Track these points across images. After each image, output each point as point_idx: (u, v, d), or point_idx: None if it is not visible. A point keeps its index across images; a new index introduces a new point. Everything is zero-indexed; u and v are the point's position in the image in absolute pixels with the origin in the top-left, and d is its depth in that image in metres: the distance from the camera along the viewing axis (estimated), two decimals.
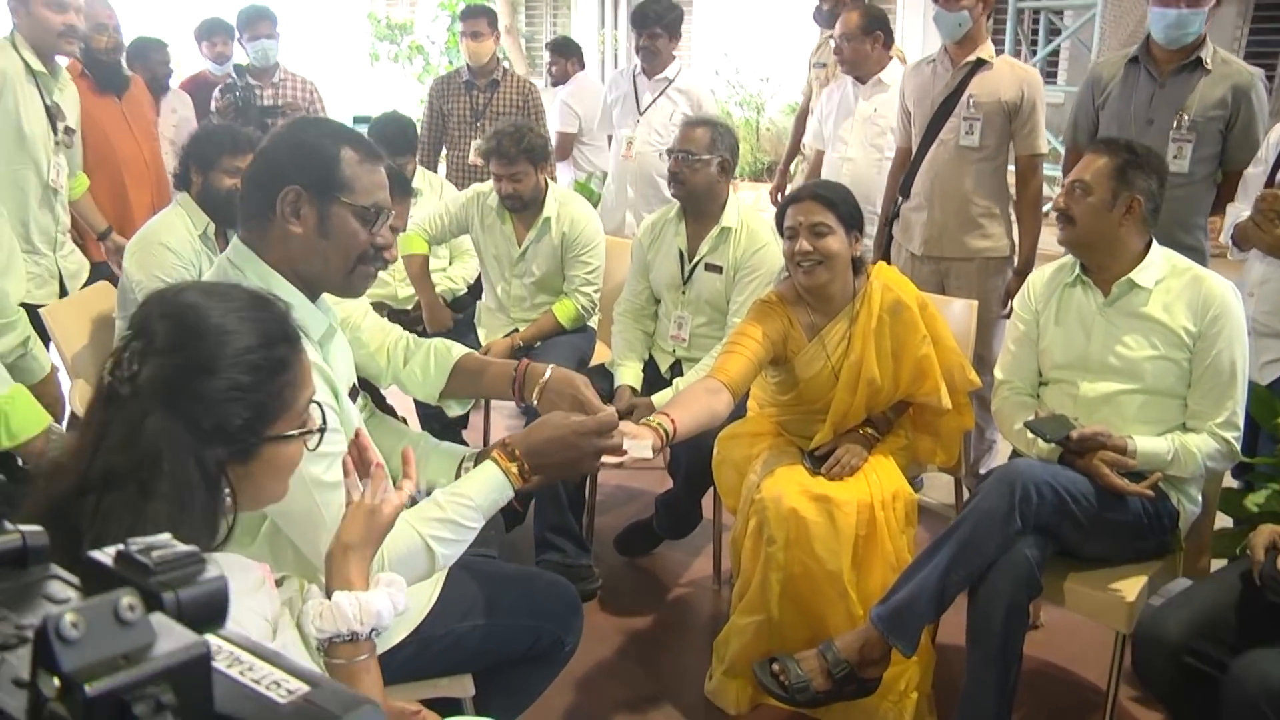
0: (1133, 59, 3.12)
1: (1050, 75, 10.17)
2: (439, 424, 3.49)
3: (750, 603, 2.46)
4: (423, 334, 2.94)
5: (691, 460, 2.83)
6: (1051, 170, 5.50)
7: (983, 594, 2.12)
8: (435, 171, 4.87)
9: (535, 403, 1.92)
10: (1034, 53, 10.31)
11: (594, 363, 3.54)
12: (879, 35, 3.98)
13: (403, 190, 2.94)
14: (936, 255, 3.48)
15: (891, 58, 4.06)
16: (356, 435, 1.35)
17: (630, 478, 3.86)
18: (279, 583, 1.31)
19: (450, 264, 4.06)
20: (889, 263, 3.65)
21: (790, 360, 2.59)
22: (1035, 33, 10.60)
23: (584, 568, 3.05)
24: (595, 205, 4.15)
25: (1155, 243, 2.34)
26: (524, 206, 3.47)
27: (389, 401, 2.79)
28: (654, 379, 3.23)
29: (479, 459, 1.80)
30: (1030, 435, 2.29)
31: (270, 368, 1.17)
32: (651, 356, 3.30)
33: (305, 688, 0.53)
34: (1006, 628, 2.08)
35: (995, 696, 2.12)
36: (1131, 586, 2.19)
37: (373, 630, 1.29)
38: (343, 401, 1.64)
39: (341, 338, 1.77)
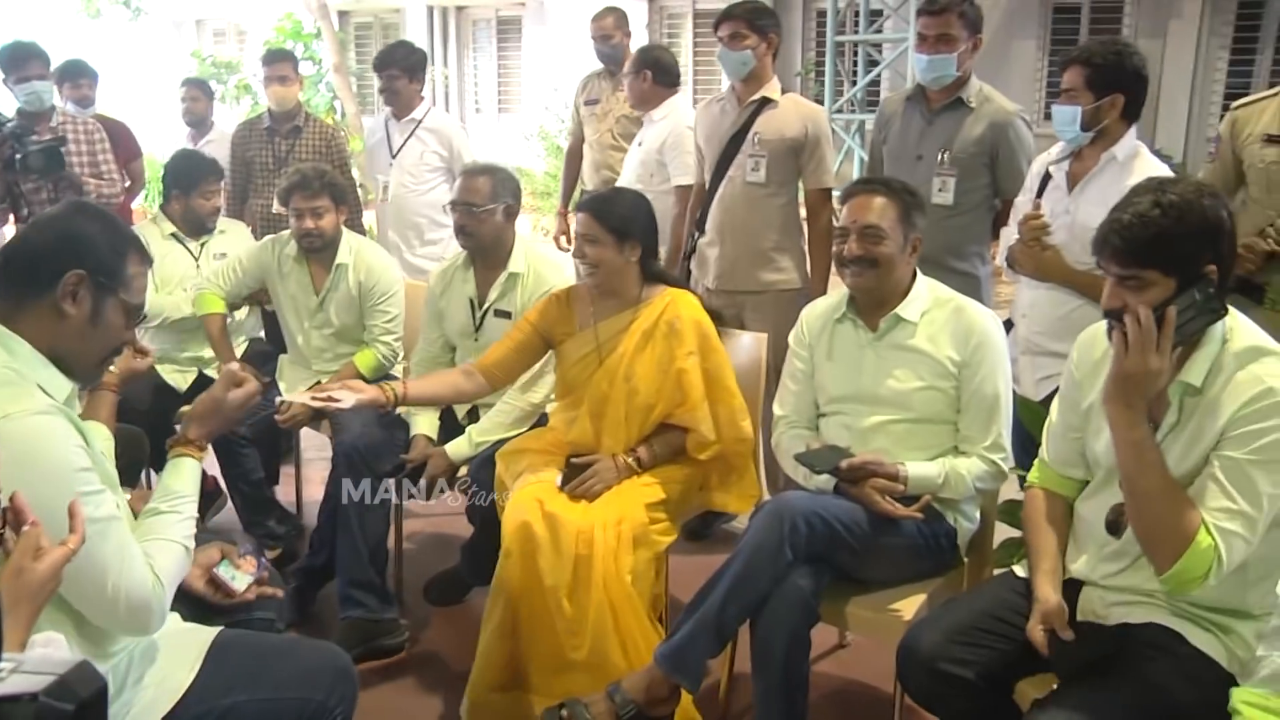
0: (909, 97, 3.27)
1: (871, 104, 10.64)
2: (245, 485, 3.40)
3: (487, 616, 2.53)
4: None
5: (484, 502, 2.82)
6: None
7: (762, 626, 2.15)
8: (242, 220, 4.71)
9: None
10: (854, 83, 10.78)
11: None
12: (645, 74, 4.13)
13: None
14: (730, 289, 3.54)
15: (671, 95, 4.19)
16: (12, 498, 1.29)
17: (439, 525, 3.79)
18: None
19: None
20: None
21: (560, 345, 2.76)
22: (855, 64, 11.09)
23: (389, 621, 2.98)
24: None
25: (919, 274, 2.43)
26: (324, 246, 3.39)
27: None
28: (451, 427, 3.18)
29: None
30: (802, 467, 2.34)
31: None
32: (449, 405, 3.25)
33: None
34: (787, 657, 2.12)
35: None
36: (910, 605, 2.25)
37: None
38: (93, 446, 1.64)
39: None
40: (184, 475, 1.86)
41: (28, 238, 1.69)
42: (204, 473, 3.56)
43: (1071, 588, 1.95)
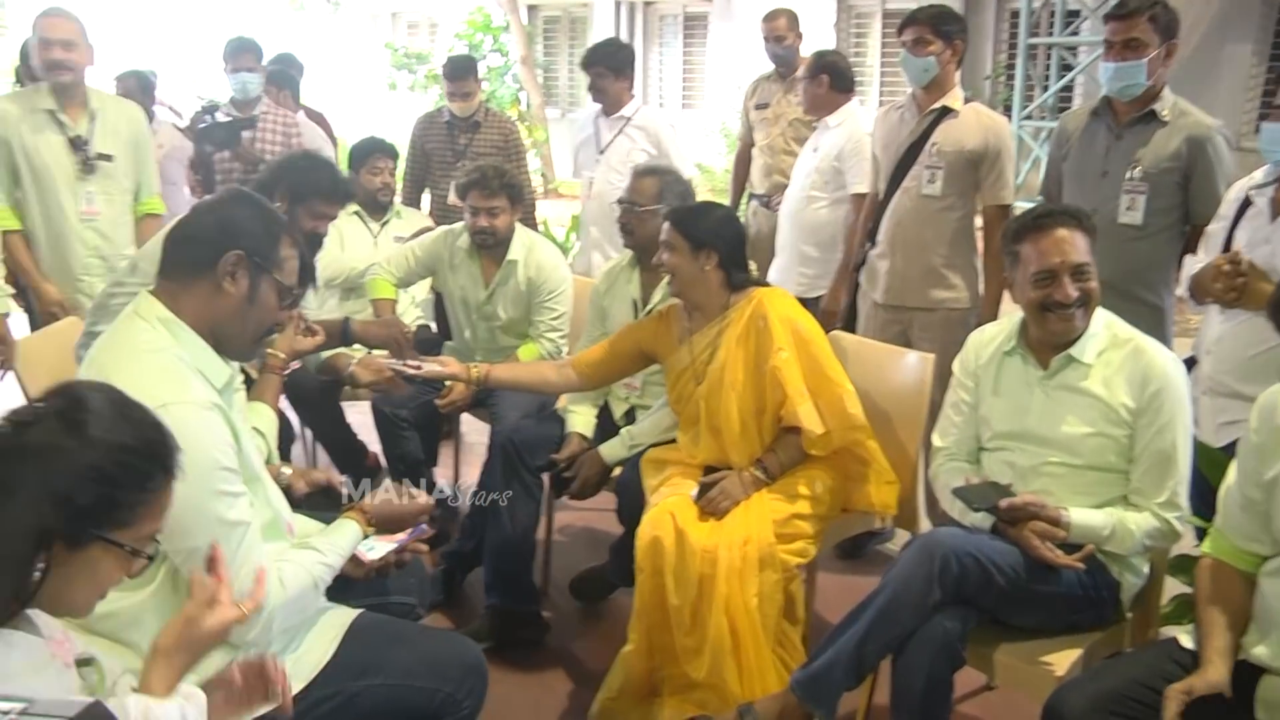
0: (1095, 110, 3.06)
1: (1064, 111, 10.11)
2: (404, 465, 3.49)
3: (631, 627, 2.53)
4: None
5: (635, 505, 2.79)
6: None
7: (902, 666, 2.05)
8: (418, 209, 4.87)
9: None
10: (1046, 88, 10.26)
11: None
12: (823, 78, 4.01)
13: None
14: (898, 304, 3.42)
15: (850, 99, 4.08)
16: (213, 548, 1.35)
17: (591, 520, 3.81)
18: (88, 662, 1.27)
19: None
20: (855, 310, 3.62)
21: (663, 361, 2.80)
22: (1048, 68, 10.54)
23: (530, 613, 3.02)
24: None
25: (1098, 308, 2.27)
26: (496, 244, 3.45)
27: None
28: (607, 426, 3.19)
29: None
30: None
31: (136, 477, 1.25)
32: (607, 404, 3.26)
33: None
34: (927, 701, 2.01)
35: None
36: (1063, 660, 2.10)
37: None
38: (242, 443, 1.71)
39: (242, 395, 1.83)
40: (346, 536, 1.94)
41: (190, 222, 1.79)
42: (364, 449, 3.71)
43: (1247, 672, 1.77)
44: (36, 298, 3.63)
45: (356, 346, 3.40)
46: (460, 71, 4.77)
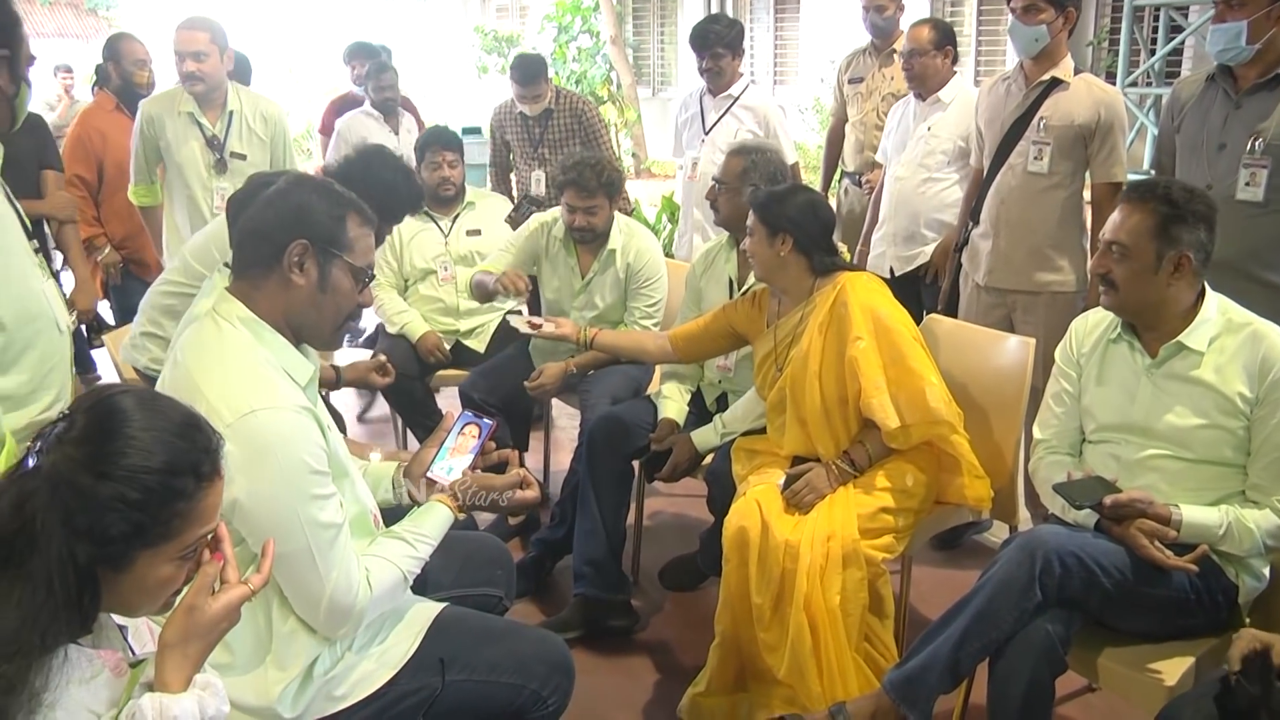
0: (1211, 76, 2.86)
1: (1171, 78, 9.61)
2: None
3: (717, 619, 2.50)
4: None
5: (725, 494, 2.75)
6: None
7: (1000, 670, 1.97)
8: (507, 195, 4.89)
9: None
10: (1153, 53, 9.77)
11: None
12: (949, 50, 3.81)
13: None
14: (1001, 287, 3.29)
15: (956, 73, 3.89)
16: (216, 527, 1.32)
17: (682, 506, 3.78)
18: (136, 665, 1.28)
19: None
20: (958, 293, 3.50)
21: (751, 344, 2.79)
22: (1155, 31, 10.02)
23: (620, 602, 3.00)
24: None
25: (1209, 290, 2.14)
26: (595, 239, 3.44)
27: None
28: (700, 413, 3.15)
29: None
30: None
31: (163, 495, 1.20)
32: (699, 390, 3.22)
33: None
34: (1026, 706, 1.92)
35: None
36: (1174, 669, 1.98)
37: None
38: (330, 438, 1.71)
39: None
40: (435, 520, 1.90)
41: (254, 216, 1.75)
42: None
43: None
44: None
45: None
46: (529, 76, 4.66)
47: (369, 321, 4.44)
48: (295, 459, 1.60)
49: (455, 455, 1.99)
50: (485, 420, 2.04)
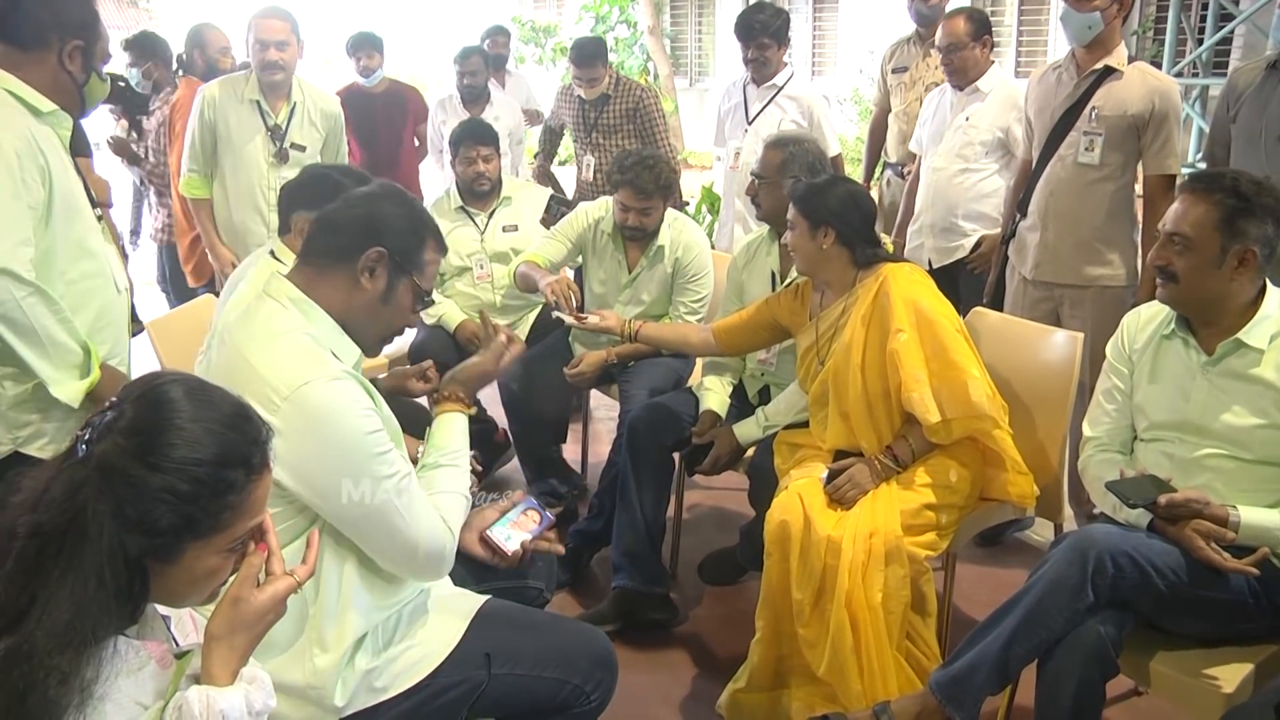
0: (1272, 64, 2.78)
1: (1219, 68, 9.41)
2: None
3: (758, 614, 2.49)
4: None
5: (767, 489, 2.73)
6: None
7: (1050, 671, 1.93)
8: (550, 184, 4.89)
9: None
10: (1200, 42, 9.56)
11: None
12: (986, 39, 3.76)
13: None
14: (1048, 280, 3.23)
15: (993, 63, 3.83)
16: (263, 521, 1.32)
17: (722, 500, 3.76)
18: (181, 656, 1.28)
19: None
20: (1004, 286, 3.44)
21: (794, 337, 2.77)
22: (1203, 19, 9.81)
23: (659, 595, 2.98)
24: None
25: (1270, 286, 2.08)
26: (645, 238, 3.42)
27: None
28: (742, 405, 3.12)
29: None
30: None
31: (213, 487, 1.19)
32: (741, 383, 3.20)
33: None
34: (1076, 709, 1.89)
35: None
36: (1231, 675, 1.92)
37: None
38: (380, 408, 1.73)
39: None
40: (455, 431, 1.95)
41: (339, 210, 1.78)
42: (494, 425, 3.74)
43: None
44: (214, 258, 4.01)
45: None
46: (587, 58, 4.66)
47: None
48: (350, 425, 1.62)
49: (515, 528, 2.03)
50: (548, 514, 2.09)
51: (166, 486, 1.16)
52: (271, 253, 2.78)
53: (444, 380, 2.05)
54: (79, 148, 4.07)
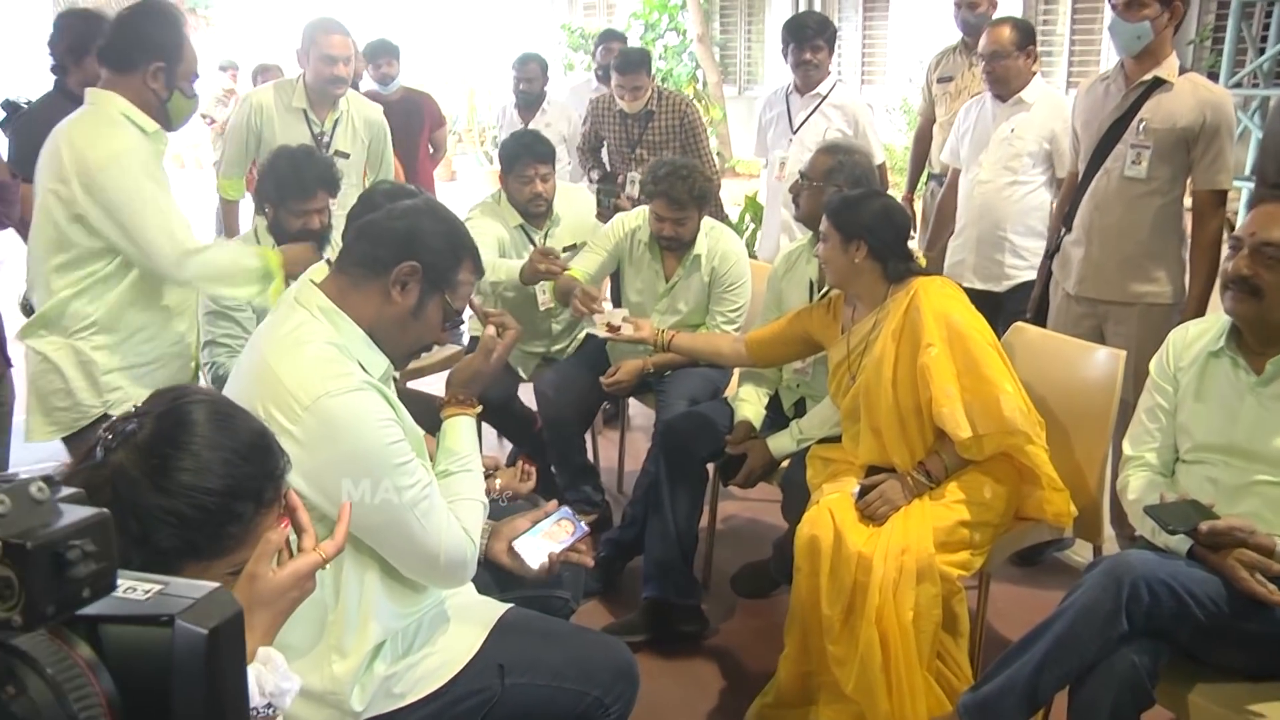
0: None
1: None
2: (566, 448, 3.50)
3: (787, 630, 2.47)
4: None
5: (799, 502, 2.70)
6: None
7: (1082, 700, 1.88)
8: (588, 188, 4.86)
9: None
10: (1262, 51, 9.33)
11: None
12: (1031, 50, 3.68)
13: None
14: (1091, 296, 3.15)
15: (1036, 73, 3.75)
16: (287, 496, 1.30)
17: (757, 511, 3.73)
18: None
19: None
20: (1048, 301, 3.38)
21: (826, 350, 2.74)
22: (1266, 27, 9.57)
23: (689, 607, 2.96)
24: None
25: None
26: (681, 248, 3.40)
27: None
28: (776, 416, 3.10)
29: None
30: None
31: (220, 516, 1.18)
32: (777, 394, 3.17)
33: (158, 586, 0.76)
34: None
35: None
36: (1275, 712, 1.85)
37: None
38: (402, 417, 1.72)
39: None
40: (463, 435, 1.95)
41: (377, 222, 1.77)
42: (533, 417, 3.71)
43: None
44: None
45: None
46: (631, 65, 4.58)
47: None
48: (370, 437, 1.62)
49: (546, 539, 2.01)
50: (582, 525, 2.06)
51: (172, 510, 1.15)
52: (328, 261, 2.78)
53: (446, 384, 2.03)
54: None
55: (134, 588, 0.75)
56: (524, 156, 3.55)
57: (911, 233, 4.24)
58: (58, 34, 3.56)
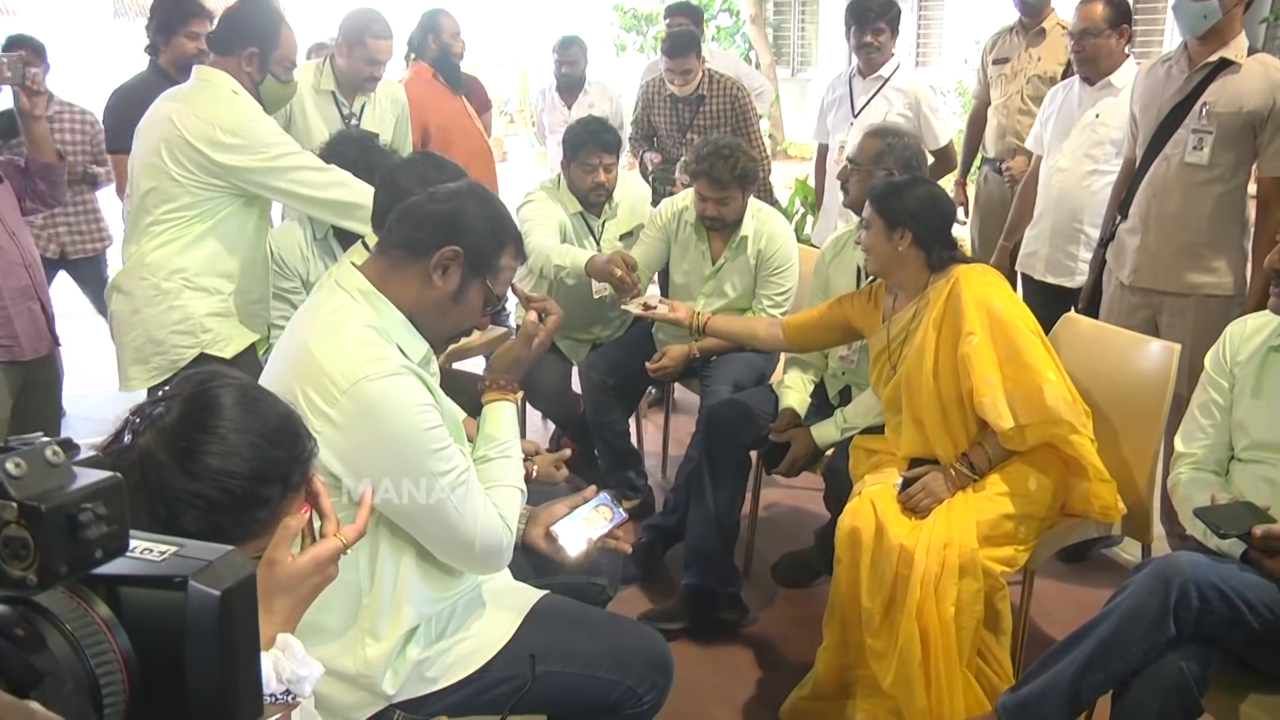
0: None
1: None
2: (610, 434, 3.50)
3: (826, 620, 2.45)
4: None
5: (842, 492, 2.67)
6: None
7: (1126, 705, 1.83)
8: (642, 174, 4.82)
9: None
10: None
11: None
12: (1124, 28, 3.45)
13: None
14: (1147, 287, 3.06)
15: (1129, 55, 3.54)
16: (310, 482, 1.28)
17: (800, 499, 3.70)
18: None
19: None
20: (1101, 291, 3.29)
21: (867, 339, 2.70)
22: None
23: (729, 595, 2.94)
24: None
25: None
26: (725, 227, 3.37)
27: None
28: (821, 404, 3.06)
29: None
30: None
31: (246, 500, 1.18)
32: (822, 382, 3.13)
33: (173, 548, 0.78)
34: None
35: None
36: None
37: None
38: (441, 403, 1.71)
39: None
40: (504, 420, 1.93)
41: (421, 204, 1.76)
42: (577, 399, 3.69)
43: None
44: None
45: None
46: (680, 48, 4.52)
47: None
48: (410, 419, 1.61)
49: (584, 524, 1.99)
50: (621, 511, 2.04)
51: (199, 493, 1.15)
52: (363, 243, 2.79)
53: (485, 369, 2.02)
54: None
55: (150, 549, 0.78)
56: (589, 144, 3.48)
57: (962, 219, 4.17)
58: (150, 14, 3.72)
